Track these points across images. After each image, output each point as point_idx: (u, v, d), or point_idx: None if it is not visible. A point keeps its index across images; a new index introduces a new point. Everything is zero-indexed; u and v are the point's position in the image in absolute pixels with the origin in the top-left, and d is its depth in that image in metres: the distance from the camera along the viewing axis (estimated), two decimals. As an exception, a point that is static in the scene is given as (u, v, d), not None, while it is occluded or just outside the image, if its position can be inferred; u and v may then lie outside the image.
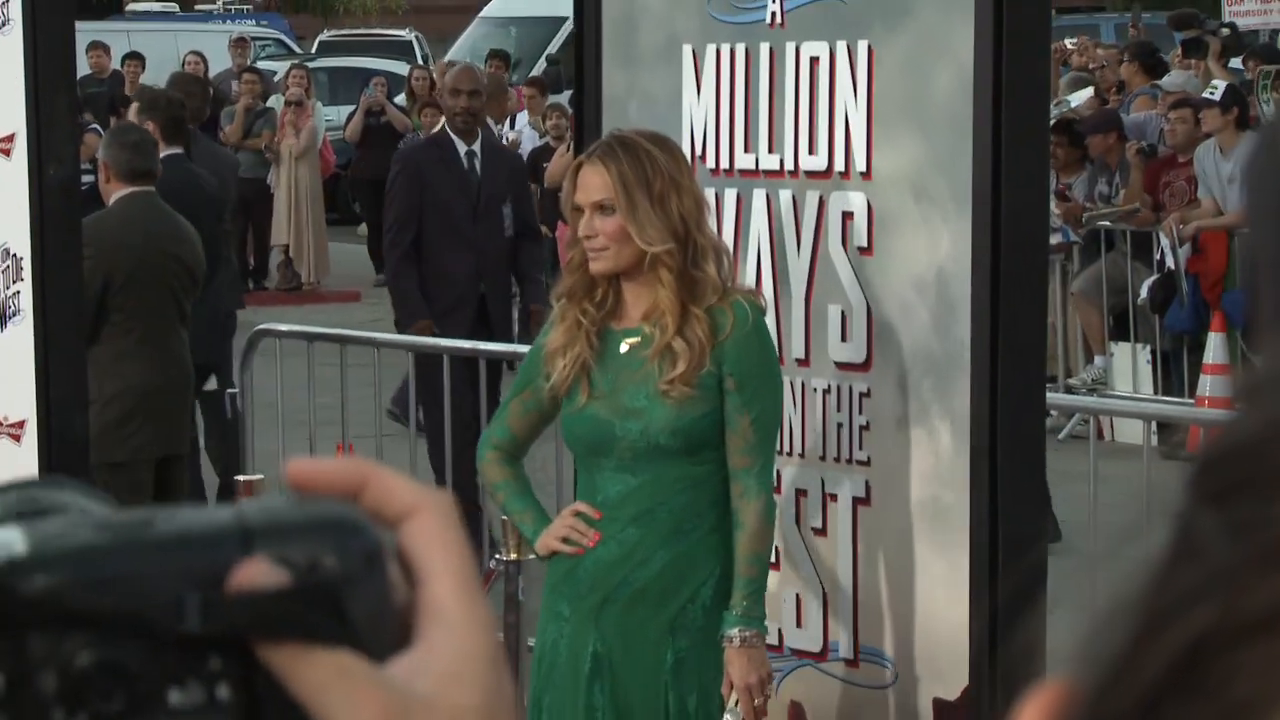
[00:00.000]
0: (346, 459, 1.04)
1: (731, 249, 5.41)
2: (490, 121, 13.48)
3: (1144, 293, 13.62)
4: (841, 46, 5.44)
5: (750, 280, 5.50)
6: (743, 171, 5.67)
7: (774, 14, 5.57)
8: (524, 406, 5.24)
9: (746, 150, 5.66)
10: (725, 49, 5.68)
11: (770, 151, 5.60)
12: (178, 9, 34.41)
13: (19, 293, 6.32)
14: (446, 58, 25.16)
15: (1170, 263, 13.64)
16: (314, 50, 28.96)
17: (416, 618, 0.99)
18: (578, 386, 5.05)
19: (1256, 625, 0.49)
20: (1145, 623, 0.52)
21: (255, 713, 0.95)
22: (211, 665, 0.94)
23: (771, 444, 5.11)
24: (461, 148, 10.97)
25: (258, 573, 0.93)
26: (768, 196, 5.61)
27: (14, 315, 6.38)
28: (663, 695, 5.05)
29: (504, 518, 5.89)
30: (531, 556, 5.74)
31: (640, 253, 4.95)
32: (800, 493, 5.55)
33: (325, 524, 0.98)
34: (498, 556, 6.46)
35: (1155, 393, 13.24)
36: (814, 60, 5.50)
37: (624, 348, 5.07)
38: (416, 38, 30.04)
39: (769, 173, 5.62)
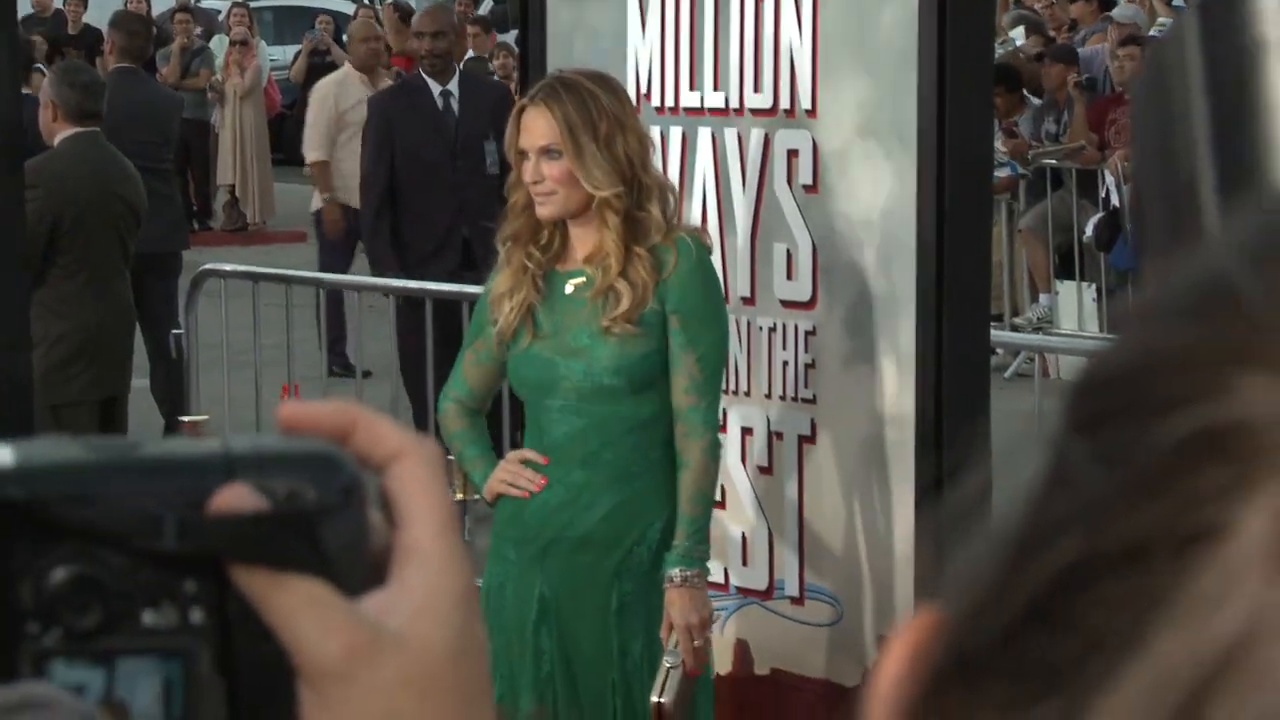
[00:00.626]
0: (338, 404, 1.04)
1: (677, 188, 5.40)
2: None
3: (1090, 230, 13.65)
4: (786, -17, 5.42)
5: (695, 219, 5.49)
6: (688, 110, 5.66)
7: (719, -49, 5.55)
8: (477, 357, 5.22)
9: (692, 88, 5.64)
10: (670, -14, 5.66)
11: (715, 89, 5.59)
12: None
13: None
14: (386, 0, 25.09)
15: (1115, 200, 13.67)
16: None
17: (395, 558, 1.00)
18: (523, 329, 5.03)
19: (1120, 557, 0.49)
20: (1013, 552, 0.52)
21: (227, 637, 0.96)
22: (186, 588, 0.95)
23: (717, 382, 5.08)
24: (435, 89, 10.88)
25: (236, 497, 0.95)
26: (713, 135, 5.61)
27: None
28: (609, 639, 5.04)
29: (449, 458, 5.88)
30: (476, 498, 5.75)
31: (588, 196, 4.91)
32: (746, 431, 5.55)
33: (306, 458, 0.99)
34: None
35: (1101, 330, 13.26)
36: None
37: (569, 289, 5.04)
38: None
39: (714, 110, 5.61)
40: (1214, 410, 0.48)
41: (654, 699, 4.96)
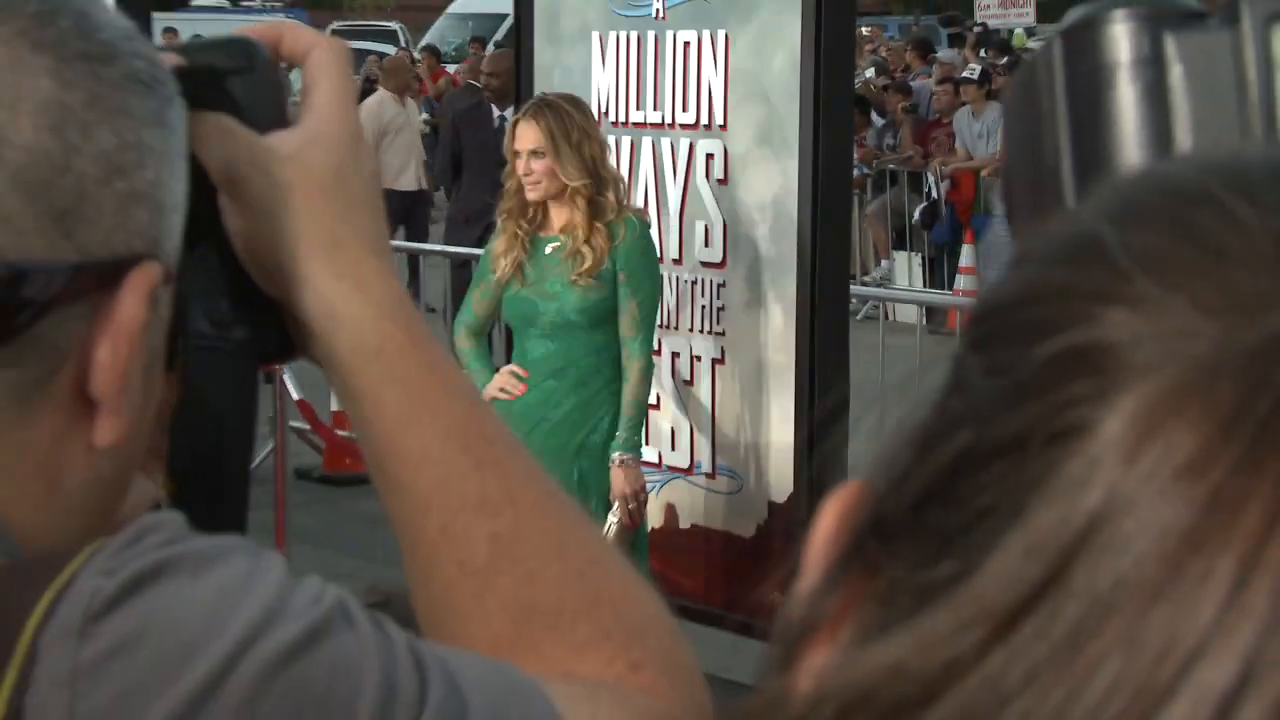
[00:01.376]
0: (271, 22, 1.06)
1: (626, 180, 5.40)
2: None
3: (916, 215, 13.67)
4: (707, 34, 5.38)
5: (639, 203, 5.47)
6: (635, 124, 5.60)
7: (658, 10, 5.50)
8: (481, 295, 5.21)
9: (638, 109, 5.59)
10: (623, 35, 5.60)
11: (655, 109, 5.54)
12: (228, 4, 33.94)
13: None
14: (419, 45, 24.91)
15: (935, 194, 13.70)
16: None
17: (301, 115, 1.00)
18: (514, 278, 5.05)
19: (1003, 448, 0.45)
20: (921, 440, 0.49)
21: None
22: None
23: (651, 321, 5.09)
24: (495, 111, 10.76)
25: (163, 60, 0.92)
26: (653, 143, 5.55)
27: None
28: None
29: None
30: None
31: (563, 184, 4.94)
32: (675, 354, 5.51)
33: (225, 41, 0.99)
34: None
35: (925, 286, 13.27)
36: (686, 44, 5.44)
37: (548, 250, 5.04)
38: (400, 28, 29.70)
39: (654, 125, 5.56)
40: (1081, 334, 0.45)
41: None
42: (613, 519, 5.03)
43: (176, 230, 0.90)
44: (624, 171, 5.52)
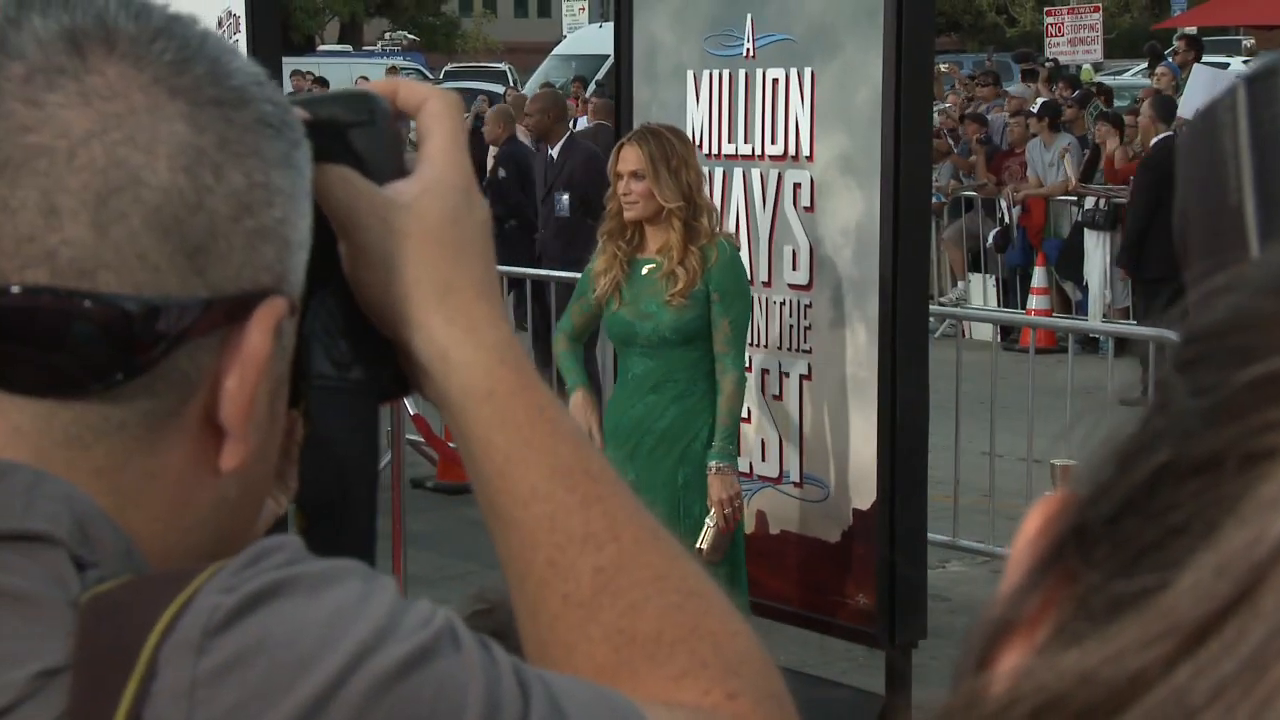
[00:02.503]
0: (388, 79, 1.05)
1: (719, 208, 5.40)
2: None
3: (990, 239, 13.55)
4: (794, 71, 5.36)
5: (731, 229, 5.46)
6: (727, 156, 5.59)
7: (748, 49, 5.49)
8: (580, 308, 5.24)
9: (729, 141, 5.58)
10: (716, 73, 5.59)
11: (745, 142, 5.53)
12: (351, 49, 34.26)
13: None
14: (525, 87, 25.02)
15: (1008, 219, 13.59)
16: (441, 76, 28.77)
17: (416, 165, 0.99)
18: (613, 298, 5.06)
19: (1196, 467, 0.44)
20: (1124, 455, 0.47)
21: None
22: None
23: (742, 338, 5.07)
24: (539, 148, 10.82)
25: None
26: (743, 173, 5.54)
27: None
28: (678, 504, 5.04)
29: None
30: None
31: (660, 206, 4.95)
32: (764, 371, 5.49)
33: (346, 96, 0.99)
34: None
35: (998, 306, 13.16)
36: (775, 81, 5.42)
37: (645, 270, 5.04)
38: (509, 69, 29.87)
39: (744, 157, 5.55)
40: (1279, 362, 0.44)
41: (697, 545, 4.96)
42: (709, 523, 5.01)
43: (301, 266, 0.90)
44: (716, 200, 5.52)
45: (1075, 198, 12.96)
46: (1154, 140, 11.93)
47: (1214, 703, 0.41)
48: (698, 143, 5.59)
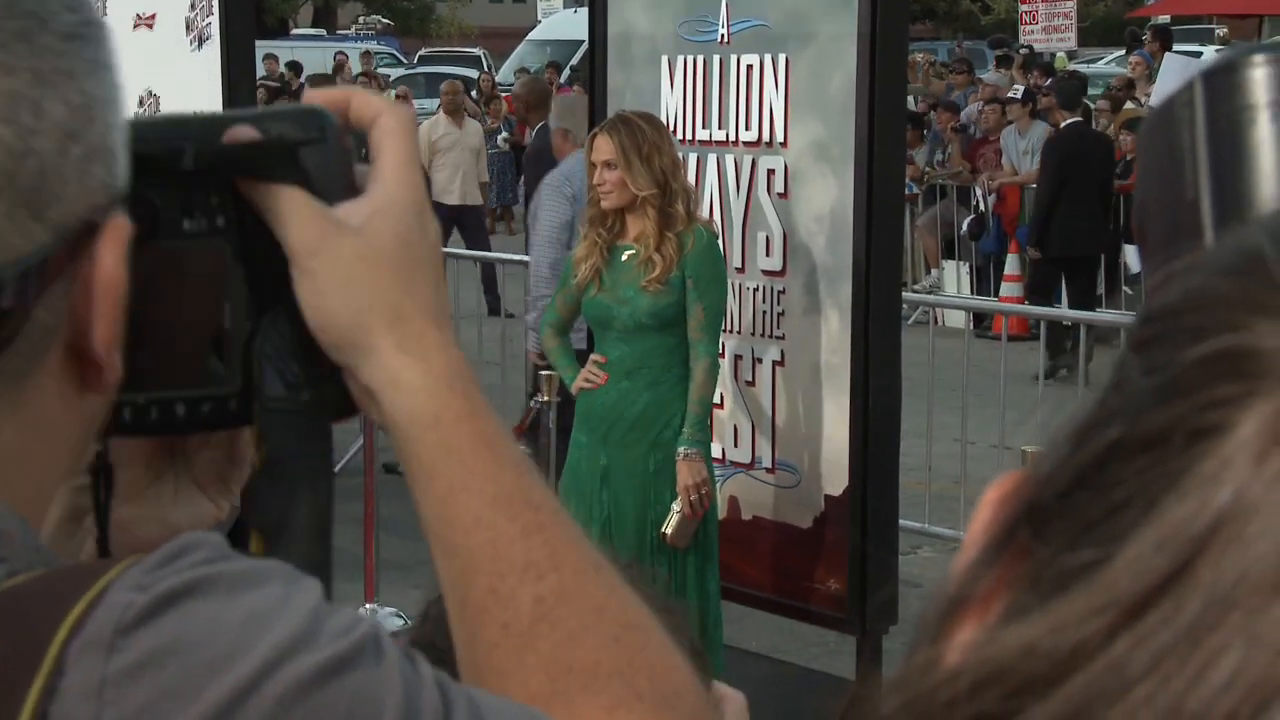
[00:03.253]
0: (341, 89, 1.03)
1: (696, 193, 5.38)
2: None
3: (964, 227, 13.58)
4: (768, 57, 5.36)
5: (705, 213, 5.45)
6: (701, 141, 5.58)
7: (723, 35, 5.48)
8: (565, 298, 5.24)
9: (703, 127, 5.57)
10: (690, 59, 5.58)
11: (719, 128, 5.52)
12: (325, 33, 34.12)
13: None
14: (500, 72, 24.94)
15: (982, 207, 13.61)
16: (415, 61, 28.68)
17: (367, 183, 0.97)
18: (592, 283, 5.06)
19: (1144, 443, 0.45)
20: (1079, 433, 0.48)
21: (243, 236, 0.94)
22: (213, 201, 0.94)
23: (717, 324, 5.07)
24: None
25: (238, 133, 0.92)
26: (717, 159, 5.53)
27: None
28: (647, 492, 5.05)
29: (546, 374, 5.93)
30: (558, 399, 5.75)
31: (634, 195, 4.94)
32: (738, 357, 5.49)
33: (296, 111, 0.97)
34: (536, 399, 6.42)
35: (971, 293, 13.19)
36: (749, 67, 5.42)
37: (624, 257, 5.04)
38: (483, 54, 29.80)
39: (718, 142, 5.54)
40: (1231, 340, 0.44)
41: (661, 530, 5.00)
42: (675, 509, 5.01)
43: (124, 158, 0.88)
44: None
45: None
46: (1064, 124, 12.19)
47: (1151, 673, 0.41)
48: (672, 128, 5.57)
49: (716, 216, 5.51)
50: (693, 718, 0.93)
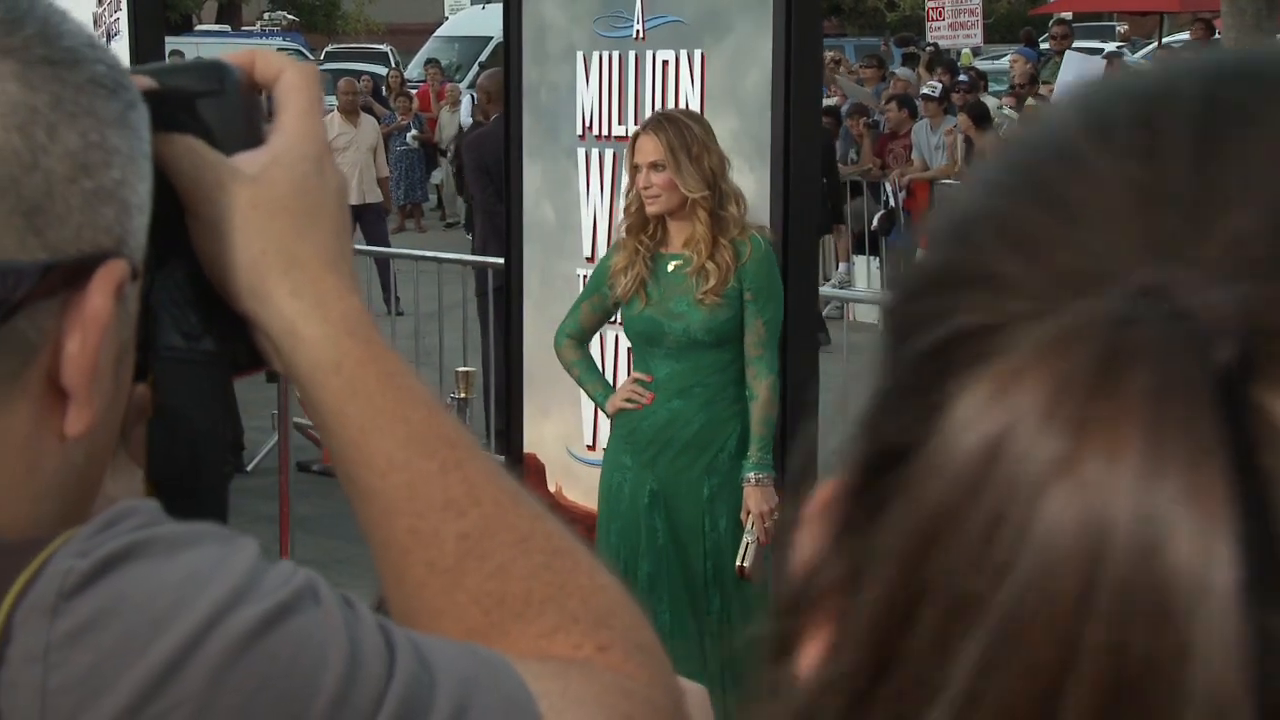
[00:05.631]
0: (246, 50, 1.03)
1: (609, 189, 5.35)
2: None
3: (875, 223, 13.68)
4: (684, 54, 5.37)
5: (618, 211, 5.42)
6: (617, 137, 5.57)
7: (638, 31, 5.49)
8: (592, 308, 4.90)
9: (619, 123, 5.57)
10: (605, 54, 5.58)
11: (635, 123, 5.47)
12: (230, 29, 33.82)
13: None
14: (409, 69, 24.80)
15: (893, 203, 13.72)
16: (322, 58, 28.48)
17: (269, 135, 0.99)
18: (637, 296, 4.69)
19: (885, 453, 0.47)
20: (856, 448, 0.50)
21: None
22: None
23: (776, 339, 4.71)
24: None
25: (137, 83, 0.92)
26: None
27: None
28: (703, 518, 4.73)
29: (457, 370, 5.84)
30: (472, 396, 5.68)
31: (683, 198, 4.59)
32: (655, 352, 5.47)
33: (193, 65, 0.98)
34: (452, 396, 6.40)
35: (882, 288, 13.27)
36: (665, 63, 5.43)
37: (671, 267, 4.68)
38: (390, 50, 29.63)
39: (634, 138, 5.55)
40: (944, 329, 0.46)
41: (738, 564, 4.67)
42: (749, 538, 4.67)
43: (142, 230, 0.89)
44: (606, 182, 5.50)
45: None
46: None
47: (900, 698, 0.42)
48: (588, 124, 5.58)
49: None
50: (627, 633, 0.94)
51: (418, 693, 0.81)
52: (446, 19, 30.33)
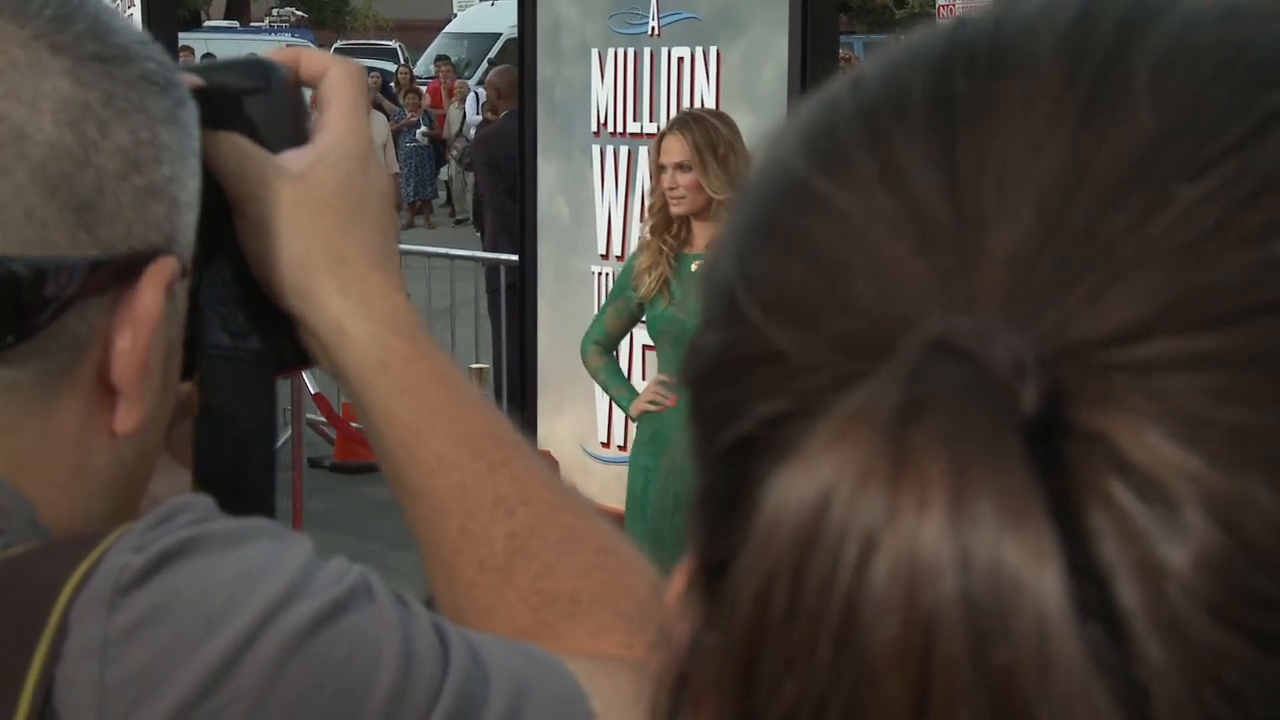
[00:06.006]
0: (289, 47, 1.03)
1: (624, 186, 5.35)
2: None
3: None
4: (699, 50, 5.36)
5: (636, 210, 5.44)
6: (632, 134, 5.58)
7: (653, 28, 5.49)
8: (617, 312, 4.83)
9: (634, 119, 5.57)
10: (621, 51, 5.58)
11: (650, 120, 5.52)
12: (238, 25, 33.85)
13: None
14: (418, 65, 24.82)
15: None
16: (331, 54, 28.49)
17: (314, 133, 0.98)
18: (660, 296, 4.64)
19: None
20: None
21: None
22: None
23: None
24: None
25: (184, 79, 0.91)
26: (648, 152, 5.53)
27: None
28: None
29: (470, 367, 5.83)
30: (485, 393, 5.67)
31: (709, 198, 4.54)
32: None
33: (239, 62, 0.97)
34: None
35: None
36: (680, 59, 5.43)
37: (694, 267, 4.61)
38: (399, 46, 29.65)
39: (649, 135, 5.51)
40: (745, 423, 0.44)
41: None
42: None
43: (191, 227, 0.89)
44: (622, 179, 5.50)
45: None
46: None
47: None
48: (602, 121, 5.57)
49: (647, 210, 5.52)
50: None
51: (472, 690, 0.80)
52: (455, 15, 30.36)
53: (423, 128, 19.51)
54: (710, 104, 5.30)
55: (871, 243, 0.42)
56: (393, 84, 21.65)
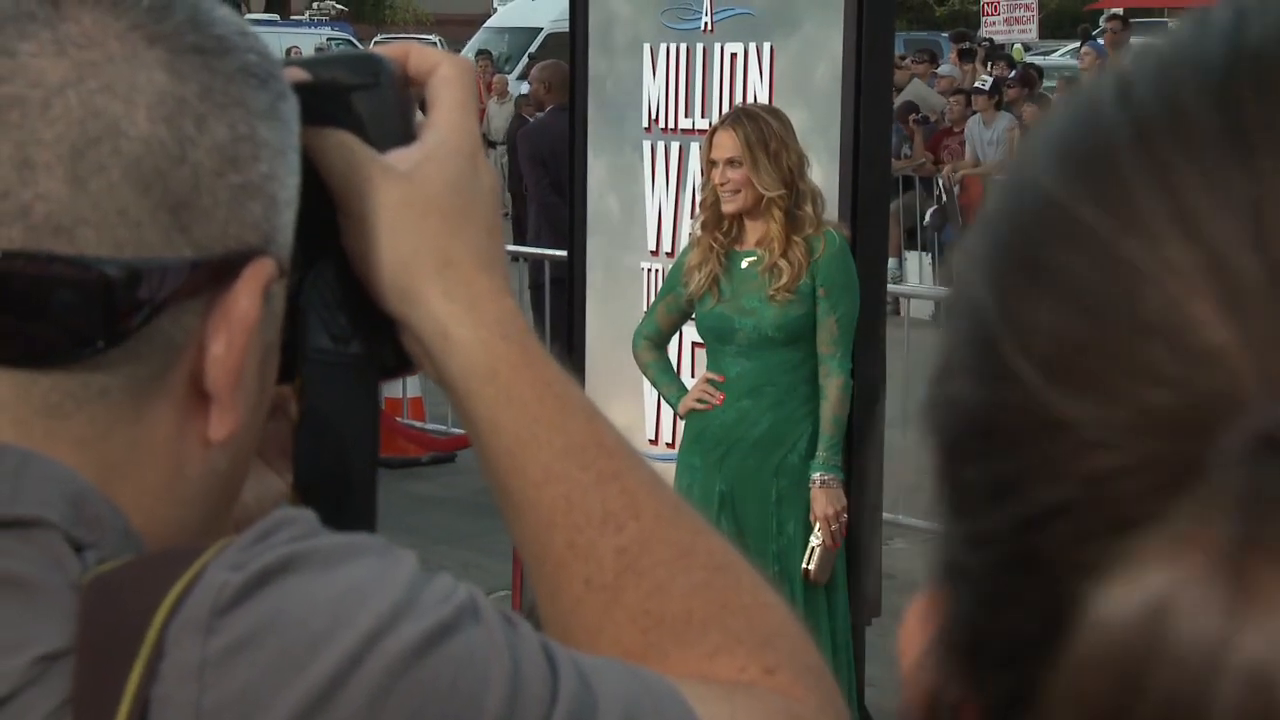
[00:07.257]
0: (400, 43, 1.01)
1: (675, 182, 5.34)
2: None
3: (928, 218, 13.64)
4: (753, 46, 5.34)
5: (686, 206, 5.42)
6: (684, 130, 5.56)
7: (706, 23, 5.46)
8: (668, 308, 4.84)
9: (686, 115, 5.55)
10: (673, 46, 5.56)
11: (702, 116, 5.49)
12: (278, 18, 33.96)
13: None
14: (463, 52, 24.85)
15: (945, 198, 13.68)
16: (371, 48, 28.57)
17: (422, 130, 0.96)
18: (709, 293, 4.62)
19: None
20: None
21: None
22: None
23: (850, 337, 4.61)
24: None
25: (290, 75, 0.89)
26: (699, 148, 5.52)
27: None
28: (770, 520, 4.66)
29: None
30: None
31: (760, 195, 4.52)
32: (719, 347, 5.45)
33: (351, 57, 0.95)
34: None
35: (934, 284, 13.24)
36: (733, 55, 5.41)
37: (744, 264, 4.61)
38: (439, 40, 29.70)
39: (701, 131, 5.47)
40: (1040, 494, 0.39)
41: (804, 567, 4.64)
42: (815, 541, 4.62)
43: (289, 226, 0.86)
44: (673, 175, 5.48)
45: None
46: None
47: None
48: (654, 117, 5.55)
49: (698, 207, 5.50)
50: (794, 655, 0.90)
51: (581, 714, 0.78)
52: (495, 10, 30.37)
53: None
54: (763, 100, 5.28)
55: (1169, 300, 0.37)
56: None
